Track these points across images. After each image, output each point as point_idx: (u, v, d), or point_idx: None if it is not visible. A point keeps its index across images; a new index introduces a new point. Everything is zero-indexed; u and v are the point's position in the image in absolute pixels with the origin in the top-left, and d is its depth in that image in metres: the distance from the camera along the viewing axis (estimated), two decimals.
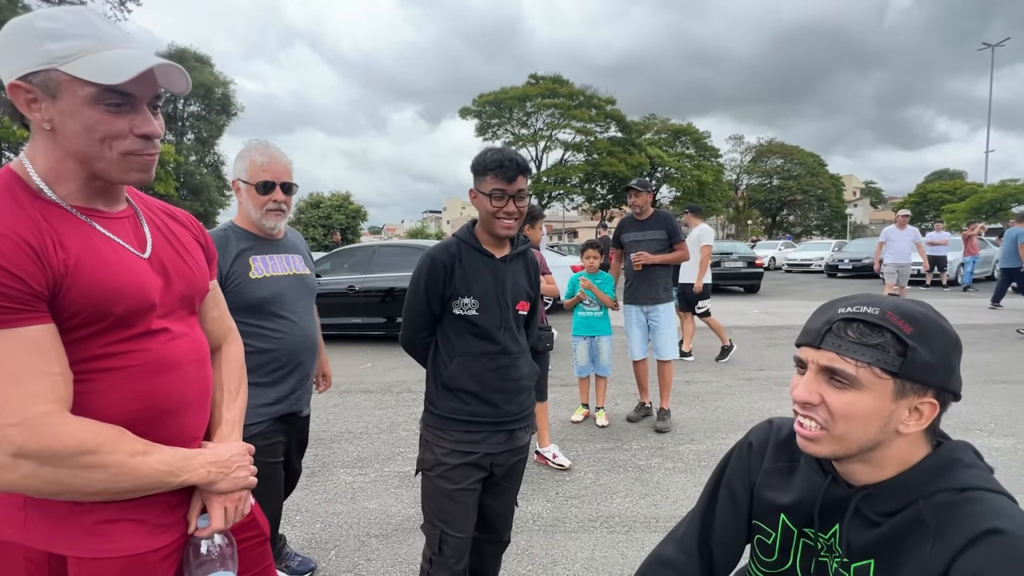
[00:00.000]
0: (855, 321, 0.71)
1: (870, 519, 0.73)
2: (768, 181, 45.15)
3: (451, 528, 1.52)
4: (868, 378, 0.69)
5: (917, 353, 0.67)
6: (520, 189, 1.49)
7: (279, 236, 1.78)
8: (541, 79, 29.99)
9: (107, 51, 0.77)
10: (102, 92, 0.76)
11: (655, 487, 2.94)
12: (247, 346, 1.55)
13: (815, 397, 0.73)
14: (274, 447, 1.74)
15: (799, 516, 0.81)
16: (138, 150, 0.81)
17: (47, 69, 0.74)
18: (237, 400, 1.05)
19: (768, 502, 0.85)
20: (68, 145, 0.78)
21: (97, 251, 0.81)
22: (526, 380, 1.61)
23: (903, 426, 0.71)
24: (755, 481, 0.88)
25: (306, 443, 2.02)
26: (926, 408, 0.70)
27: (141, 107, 0.81)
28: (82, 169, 0.81)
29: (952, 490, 0.69)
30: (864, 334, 0.70)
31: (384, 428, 3.93)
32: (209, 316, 1.05)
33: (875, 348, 0.68)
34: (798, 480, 0.83)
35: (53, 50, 0.74)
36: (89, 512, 0.81)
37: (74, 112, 0.76)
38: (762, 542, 0.86)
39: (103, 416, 0.80)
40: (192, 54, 27.44)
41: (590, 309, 3.97)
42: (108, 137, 0.78)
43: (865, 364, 0.69)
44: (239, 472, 0.94)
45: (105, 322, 0.80)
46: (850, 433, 0.71)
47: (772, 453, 0.88)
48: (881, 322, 0.69)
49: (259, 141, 1.73)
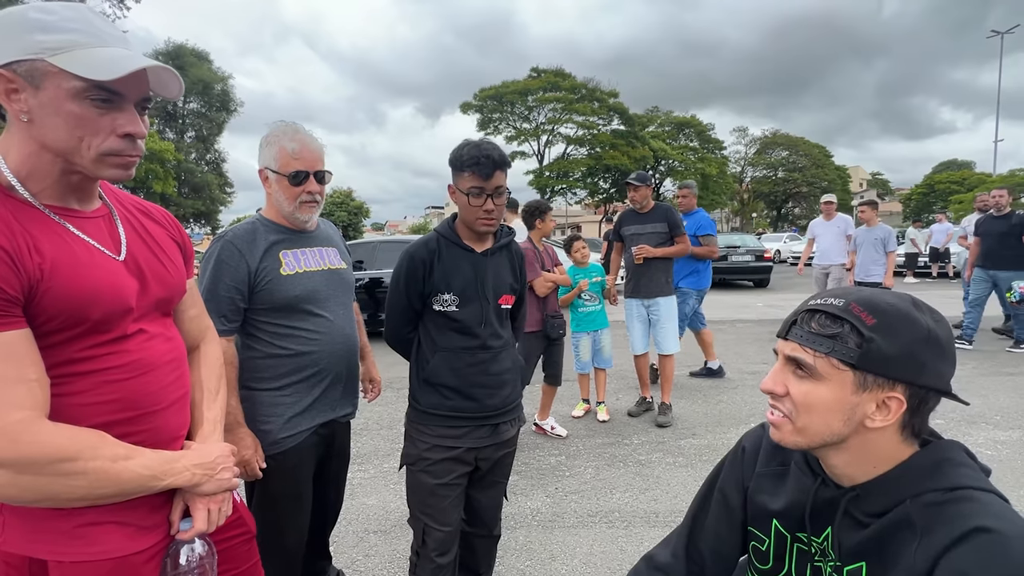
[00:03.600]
0: (818, 312, 0.71)
1: (859, 520, 0.72)
2: (773, 173, 44.77)
3: (434, 522, 1.52)
4: (826, 369, 0.69)
5: (874, 344, 0.66)
6: (498, 186, 1.46)
7: (312, 228, 1.61)
8: (543, 73, 29.81)
9: (99, 48, 0.76)
10: (89, 87, 0.75)
11: (655, 482, 2.93)
12: (281, 349, 1.50)
13: (780, 387, 0.74)
14: (308, 463, 1.59)
15: (791, 521, 0.80)
16: (120, 150, 0.80)
17: (33, 59, 0.73)
18: (218, 399, 1.04)
19: (761, 507, 0.84)
20: (45, 138, 0.77)
21: (72, 254, 0.79)
22: (508, 374, 1.60)
23: (869, 420, 0.69)
24: (748, 486, 0.87)
25: (348, 459, 1.82)
26: (893, 403, 0.68)
27: (127, 107, 0.79)
28: (57, 163, 0.79)
29: (941, 489, 0.67)
30: (824, 325, 0.70)
31: (384, 424, 3.93)
32: (187, 315, 1.04)
33: (832, 339, 0.69)
34: (789, 484, 0.82)
35: (42, 41, 0.73)
36: (70, 515, 0.80)
37: (56, 105, 0.75)
38: (757, 549, 0.85)
39: (81, 420, 0.79)
40: (190, 50, 27.39)
41: (591, 304, 3.95)
42: (87, 134, 0.77)
43: (823, 354, 0.69)
44: (223, 474, 0.93)
45: (82, 327, 0.79)
46: (811, 424, 0.71)
47: (764, 457, 0.87)
48: (842, 313, 0.69)
49: (287, 124, 1.53)
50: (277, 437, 1.50)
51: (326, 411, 1.60)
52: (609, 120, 30.56)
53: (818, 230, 6.25)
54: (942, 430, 3.85)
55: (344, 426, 1.75)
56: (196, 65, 27.00)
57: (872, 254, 5.77)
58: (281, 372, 1.51)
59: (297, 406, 1.53)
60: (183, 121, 28.91)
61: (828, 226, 6.17)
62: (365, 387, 1.96)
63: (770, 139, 45.03)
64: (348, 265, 1.71)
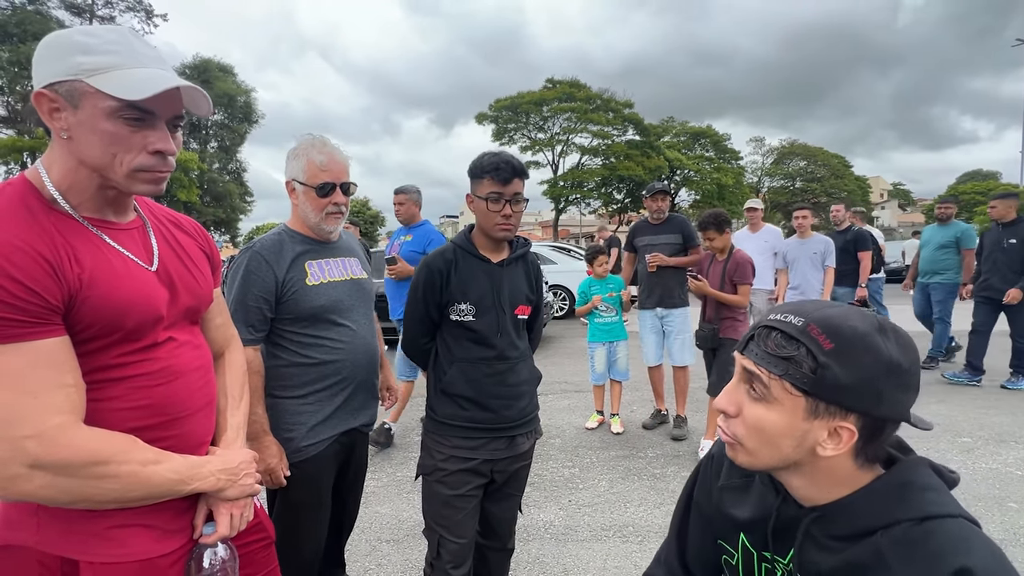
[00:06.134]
0: (775, 330, 0.66)
1: (823, 543, 0.69)
2: (791, 184, 44.26)
3: (449, 533, 1.52)
4: (780, 392, 0.65)
5: (829, 371, 0.62)
6: (516, 192, 1.49)
7: (335, 239, 1.65)
8: (558, 83, 30.00)
9: (135, 68, 0.80)
10: (122, 106, 0.78)
11: (671, 496, 2.88)
12: (305, 358, 1.53)
13: (733, 408, 0.70)
14: (329, 471, 1.60)
15: (756, 537, 0.77)
16: (151, 166, 0.83)
17: (72, 80, 0.77)
18: (241, 406, 1.07)
19: (728, 519, 0.81)
20: (82, 154, 0.81)
21: (108, 265, 0.83)
22: (525, 385, 1.61)
23: (820, 448, 0.66)
24: (715, 497, 0.84)
25: (365, 467, 1.84)
26: (845, 433, 0.64)
27: (159, 125, 0.83)
28: (94, 178, 0.83)
29: (910, 520, 0.63)
30: (780, 345, 0.65)
31: (398, 433, 3.95)
32: (213, 324, 1.07)
33: (787, 361, 0.64)
34: (753, 497, 0.79)
35: (82, 62, 0.77)
36: (101, 518, 0.83)
37: (92, 123, 0.79)
38: (728, 563, 0.82)
39: (113, 424, 0.82)
40: (216, 64, 28.24)
41: (607, 315, 3.94)
42: (120, 151, 0.81)
43: (777, 376, 0.65)
44: (246, 479, 0.95)
45: (116, 335, 0.83)
46: (761, 448, 0.68)
47: (727, 469, 0.84)
48: (798, 335, 0.64)
49: (315, 137, 1.56)
50: (300, 445, 1.52)
51: (347, 419, 1.62)
52: (624, 130, 30.59)
53: (742, 241, 4.82)
54: (969, 449, 3.70)
55: (363, 435, 1.77)
56: (221, 78, 27.82)
57: (810, 273, 4.69)
58: (305, 380, 1.53)
59: (320, 414, 1.55)
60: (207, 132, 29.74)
61: (753, 240, 4.85)
62: (383, 395, 1.98)
63: (788, 149, 44.55)
64: (369, 275, 1.75)
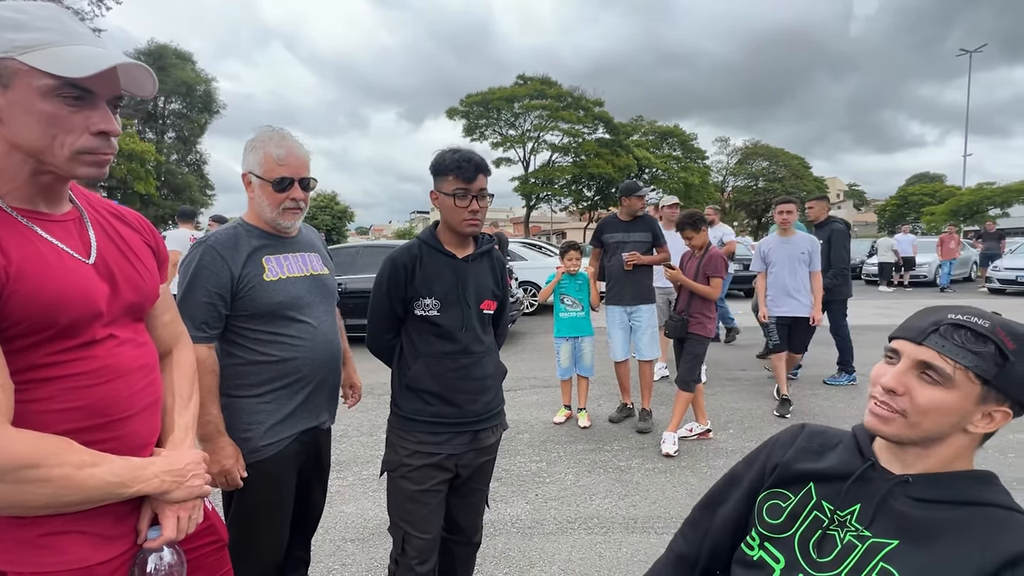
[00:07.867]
0: (964, 328, 0.78)
1: (905, 502, 0.79)
2: (754, 183, 45.72)
3: (414, 529, 1.52)
4: (962, 380, 0.76)
5: (1015, 368, 0.75)
6: (481, 188, 1.50)
7: (294, 234, 1.61)
8: (529, 80, 30.01)
9: (71, 46, 0.75)
10: (60, 85, 0.74)
11: (635, 488, 2.95)
12: (262, 355, 1.48)
13: (901, 387, 0.79)
14: (289, 471, 1.56)
15: (827, 488, 0.86)
16: (94, 148, 0.79)
17: (3, 57, 0.72)
18: (190, 406, 1.03)
19: (798, 471, 0.90)
20: (16, 137, 0.76)
21: (40, 257, 0.78)
22: (491, 380, 1.62)
23: (972, 426, 0.78)
24: (779, 462, 0.94)
25: (328, 465, 1.80)
26: (999, 415, 0.77)
27: (100, 104, 0.79)
28: (28, 163, 0.78)
29: (1002, 507, 0.76)
30: (970, 341, 0.76)
31: (364, 431, 3.90)
32: (160, 321, 1.02)
33: (977, 355, 0.75)
34: (832, 460, 0.89)
35: (13, 39, 0.72)
36: (32, 525, 0.78)
37: (27, 103, 0.74)
38: (775, 505, 0.90)
39: (46, 427, 0.77)
40: (172, 51, 26.88)
41: (572, 310, 3.98)
42: (60, 132, 0.76)
43: (963, 367, 0.75)
44: (194, 480, 0.92)
45: (48, 332, 0.78)
46: (924, 422, 0.78)
47: (806, 436, 0.95)
48: (989, 334, 0.76)
49: (274, 129, 1.52)
50: (258, 445, 1.47)
51: (308, 418, 1.58)
52: (594, 128, 30.87)
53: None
54: None
55: (326, 433, 1.73)
56: (179, 66, 26.49)
57: (793, 276, 4.11)
58: (263, 379, 1.49)
59: (278, 413, 1.51)
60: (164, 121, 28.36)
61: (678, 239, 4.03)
62: (345, 392, 1.94)
63: (751, 149, 46.02)
64: (330, 271, 1.71)
